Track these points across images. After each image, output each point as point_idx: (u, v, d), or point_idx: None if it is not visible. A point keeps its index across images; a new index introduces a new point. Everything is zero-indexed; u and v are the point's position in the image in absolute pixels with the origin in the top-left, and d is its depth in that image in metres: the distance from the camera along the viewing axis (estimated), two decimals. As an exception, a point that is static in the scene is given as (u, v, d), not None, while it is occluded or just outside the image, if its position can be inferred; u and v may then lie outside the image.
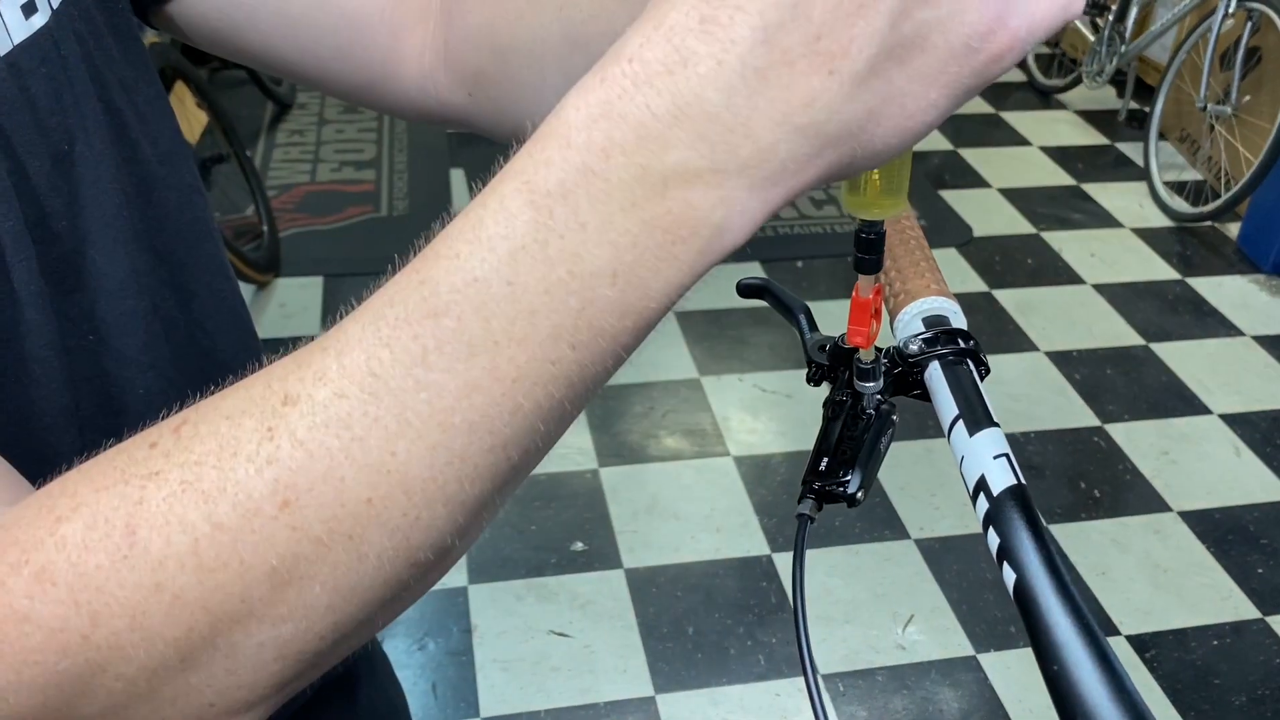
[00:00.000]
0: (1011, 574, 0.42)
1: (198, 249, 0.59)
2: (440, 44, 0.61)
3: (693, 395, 2.62)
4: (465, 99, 0.61)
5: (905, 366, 0.52)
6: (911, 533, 2.27)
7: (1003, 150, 3.89)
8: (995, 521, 0.43)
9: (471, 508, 0.34)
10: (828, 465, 0.49)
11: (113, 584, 0.32)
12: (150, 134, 0.55)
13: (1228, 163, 3.45)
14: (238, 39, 0.61)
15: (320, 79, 0.63)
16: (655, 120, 0.30)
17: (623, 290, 0.31)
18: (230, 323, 0.61)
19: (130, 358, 0.52)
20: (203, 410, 0.34)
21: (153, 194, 0.55)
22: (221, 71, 4.02)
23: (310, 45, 0.61)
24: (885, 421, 0.50)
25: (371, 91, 0.64)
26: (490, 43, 0.59)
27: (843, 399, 0.51)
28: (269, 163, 3.58)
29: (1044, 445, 2.52)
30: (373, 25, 0.61)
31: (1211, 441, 2.55)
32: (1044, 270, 3.20)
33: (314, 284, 2.99)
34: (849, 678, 1.97)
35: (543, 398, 0.32)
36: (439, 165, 3.62)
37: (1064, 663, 0.39)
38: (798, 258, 3.19)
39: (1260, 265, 3.23)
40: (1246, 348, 2.89)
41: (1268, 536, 2.30)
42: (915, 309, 0.54)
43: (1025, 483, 0.45)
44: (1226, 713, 1.93)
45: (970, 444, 0.47)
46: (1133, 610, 2.12)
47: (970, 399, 0.49)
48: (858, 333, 0.47)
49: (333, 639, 0.35)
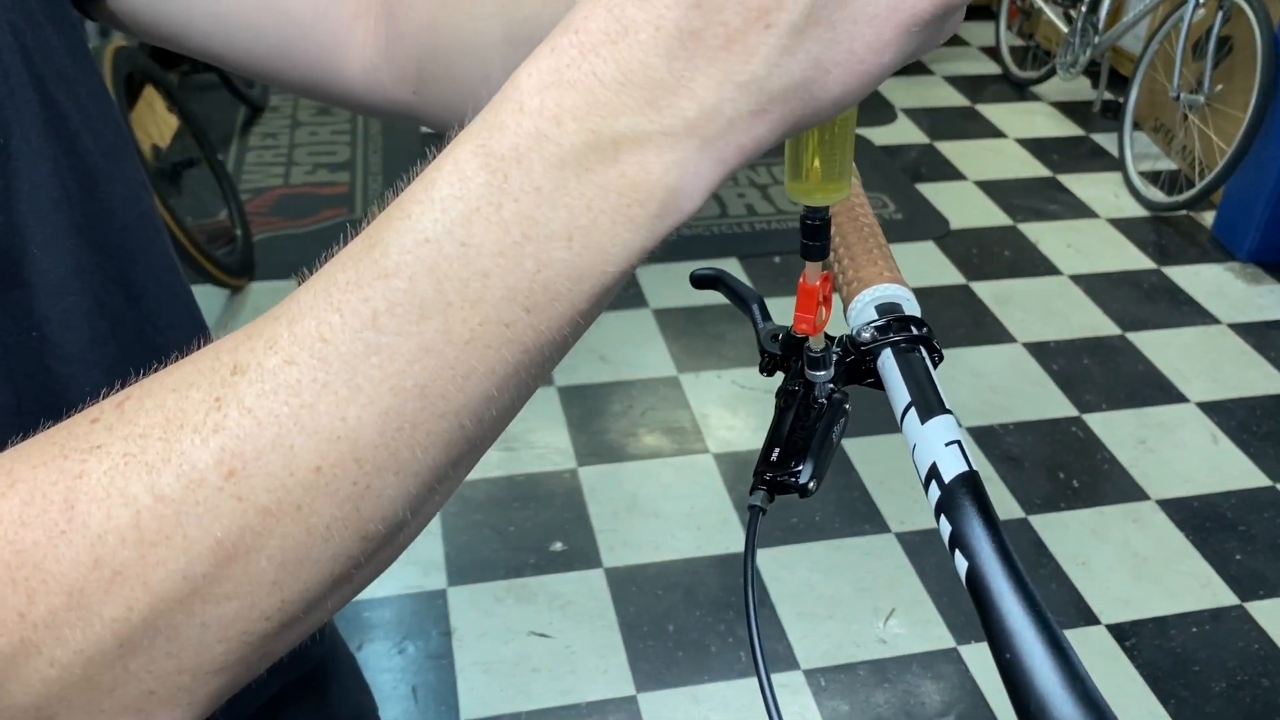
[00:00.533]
0: (963, 562, 0.42)
1: (146, 244, 0.57)
2: (381, 42, 0.60)
3: (671, 393, 2.61)
4: (410, 96, 0.61)
5: (858, 355, 0.51)
6: (892, 526, 2.27)
7: (978, 143, 3.90)
8: (947, 509, 0.43)
9: (424, 478, 0.33)
10: (779, 455, 0.48)
11: (50, 560, 0.31)
12: (92, 127, 0.54)
13: (1202, 152, 3.47)
14: (177, 37, 0.60)
15: (266, 75, 0.63)
16: (602, 86, 0.30)
17: (579, 253, 0.31)
18: (182, 319, 0.60)
19: (74, 355, 0.51)
20: (148, 385, 0.34)
21: (96, 188, 0.53)
22: (192, 75, 3.99)
23: (247, 45, 0.60)
24: (837, 410, 0.50)
25: (319, 87, 0.63)
26: (431, 40, 0.58)
27: (794, 388, 0.50)
28: (242, 166, 3.56)
29: (1022, 436, 2.53)
30: (308, 23, 0.60)
31: (1189, 430, 2.56)
32: (1021, 262, 3.21)
33: (289, 288, 2.92)
34: (831, 672, 1.97)
35: (496, 362, 0.32)
36: (414, 166, 3.59)
37: (1016, 651, 0.39)
38: (775, 253, 3.18)
39: (1235, 253, 3.25)
40: (1223, 336, 2.91)
41: (1245, 523, 2.30)
42: (868, 296, 0.53)
43: (976, 469, 0.44)
44: (1206, 699, 1.94)
45: (922, 431, 0.46)
46: (1112, 599, 2.12)
47: (923, 386, 0.48)
48: (804, 320, 0.46)
49: (279, 619, 0.33)
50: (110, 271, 0.54)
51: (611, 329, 2.83)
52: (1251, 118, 3.08)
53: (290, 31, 0.60)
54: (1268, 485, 2.40)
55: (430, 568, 2.13)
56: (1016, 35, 4.64)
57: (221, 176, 3.02)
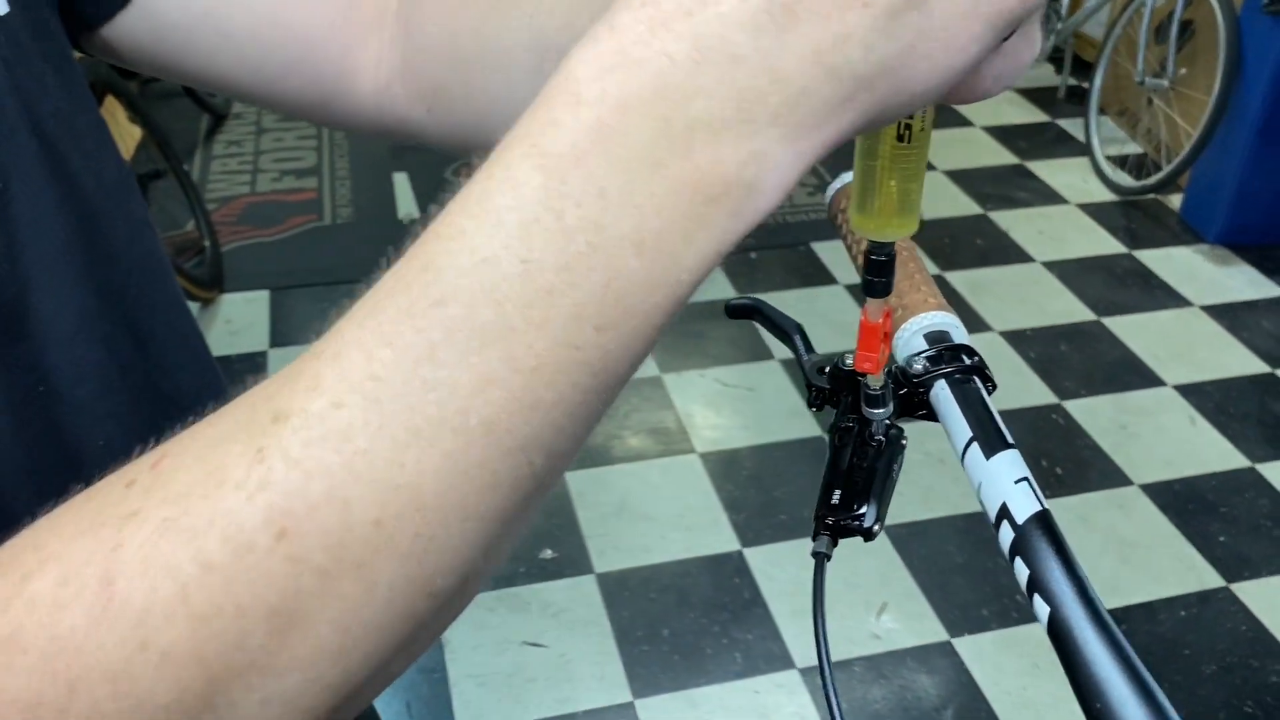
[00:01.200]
0: (1044, 607, 0.41)
1: (151, 286, 0.56)
2: (397, 57, 0.59)
3: (655, 393, 2.60)
4: (424, 114, 0.59)
5: (910, 387, 0.50)
6: (880, 520, 2.27)
7: (946, 132, 3.91)
8: (1023, 552, 0.42)
9: (492, 523, 0.30)
10: (841, 498, 0.47)
11: (91, 645, 0.28)
12: (91, 167, 0.52)
13: (1167, 135, 3.50)
14: (177, 62, 0.58)
15: (269, 97, 0.61)
16: (675, 67, 0.27)
17: (651, 261, 0.28)
18: (190, 361, 0.58)
19: (85, 407, 0.49)
20: (183, 441, 0.31)
21: (97, 231, 0.51)
22: (153, 84, 3.92)
23: (256, 64, 0.58)
24: (896, 448, 0.49)
25: (325, 108, 0.61)
26: (451, 54, 0.56)
27: (849, 425, 0.49)
28: (207, 175, 3.50)
29: (1004, 425, 2.54)
30: (322, 40, 0.58)
31: (1167, 413, 2.59)
32: (993, 250, 3.22)
33: (260, 298, 2.93)
34: (826, 670, 1.97)
35: (566, 388, 0.29)
36: (381, 170, 3.56)
37: (1108, 700, 0.38)
38: (752, 249, 3.18)
39: (1204, 236, 3.28)
40: (1195, 318, 2.94)
41: (1227, 504, 2.33)
42: (915, 325, 0.52)
43: (1048, 507, 0.44)
44: (1198, 683, 1.96)
45: (988, 468, 0.45)
46: (1101, 586, 2.13)
47: (982, 419, 0.47)
48: (867, 358, 0.45)
49: (344, 690, 0.31)
50: (116, 317, 0.52)
51: (590, 330, 2.81)
52: (1215, 101, 3.11)
53: (301, 49, 0.58)
54: (1247, 466, 2.43)
55: (420, 580, 2.11)
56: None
57: (187, 186, 2.96)
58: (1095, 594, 0.41)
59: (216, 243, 2.99)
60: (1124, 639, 0.40)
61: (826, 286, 3.01)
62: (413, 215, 3.32)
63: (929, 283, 0.54)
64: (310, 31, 0.58)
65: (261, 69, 0.58)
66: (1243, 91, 3.10)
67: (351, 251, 3.13)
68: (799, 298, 2.96)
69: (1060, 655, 0.41)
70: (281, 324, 2.83)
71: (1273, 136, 3.08)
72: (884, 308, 0.44)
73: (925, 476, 2.29)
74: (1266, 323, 2.92)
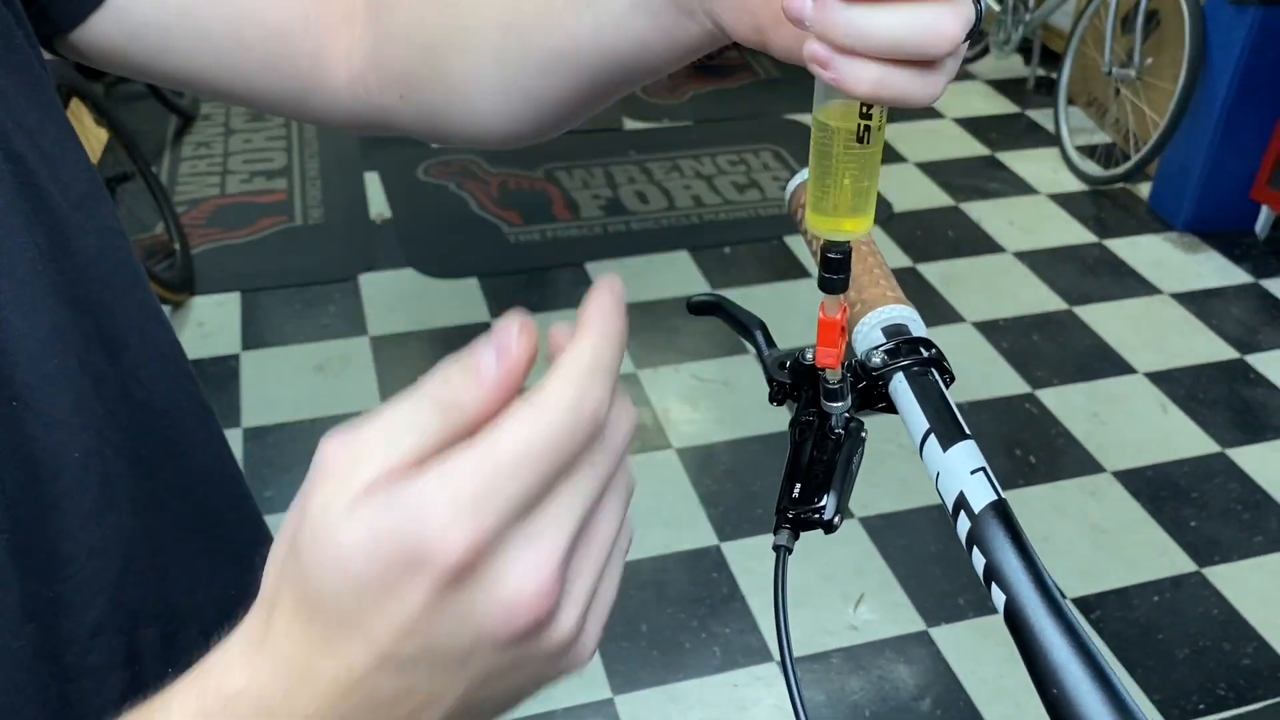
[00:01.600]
0: (1001, 595, 0.41)
1: (125, 295, 0.55)
2: (368, 46, 0.59)
3: (630, 389, 2.59)
4: (397, 100, 0.59)
5: (869, 380, 0.50)
6: (855, 511, 2.28)
7: (917, 125, 3.93)
8: (979, 542, 0.42)
9: None
10: (801, 491, 0.47)
11: None
12: (60, 179, 0.51)
13: (1135, 125, 3.53)
14: (152, 62, 0.58)
15: (246, 94, 0.61)
16: None
17: None
18: (165, 369, 0.58)
19: (59, 420, 0.49)
20: None
21: (69, 244, 0.51)
22: (119, 85, 3.88)
23: (233, 62, 0.58)
24: (855, 440, 0.49)
25: (302, 102, 0.61)
26: (420, 40, 0.57)
27: (809, 419, 0.49)
28: (176, 178, 3.47)
29: (977, 415, 2.55)
30: (297, 34, 0.59)
31: (1139, 400, 2.61)
32: (965, 241, 3.24)
33: (231, 300, 2.91)
34: (804, 662, 1.98)
35: None
36: (352, 170, 3.54)
37: (1064, 686, 0.38)
38: (725, 244, 3.18)
39: (1172, 224, 3.31)
40: (1165, 305, 2.96)
41: (1198, 490, 2.35)
42: (874, 319, 0.52)
43: (1004, 497, 0.44)
44: (1172, 667, 1.98)
45: (945, 460, 0.46)
46: (1075, 573, 2.16)
47: (940, 411, 0.48)
48: (828, 354, 0.45)
49: None
50: (89, 328, 0.51)
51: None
52: (1181, 90, 3.14)
53: (278, 45, 0.58)
54: (1217, 451, 2.46)
55: (397, 581, 2.11)
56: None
57: (156, 189, 2.94)
58: (1051, 581, 0.41)
59: (186, 245, 2.96)
60: (1080, 625, 0.40)
61: (800, 280, 3.02)
62: (384, 215, 3.30)
63: (888, 276, 0.54)
64: (285, 27, 0.58)
65: (238, 66, 0.59)
66: (1208, 81, 3.13)
67: (323, 252, 3.12)
68: (773, 292, 2.97)
69: (1017, 642, 0.41)
70: (253, 326, 2.81)
71: (1238, 124, 3.11)
72: (841, 304, 0.44)
73: (900, 468, 2.30)
74: (1235, 309, 2.96)
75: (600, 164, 3.60)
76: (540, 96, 0.54)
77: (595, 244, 3.17)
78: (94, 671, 0.51)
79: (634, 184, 3.49)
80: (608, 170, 3.57)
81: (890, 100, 0.36)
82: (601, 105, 0.55)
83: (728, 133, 3.83)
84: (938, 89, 0.36)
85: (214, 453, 0.60)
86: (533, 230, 3.22)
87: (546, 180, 3.50)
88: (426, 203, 3.36)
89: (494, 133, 0.57)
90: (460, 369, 0.33)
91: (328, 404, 2.53)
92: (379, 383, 2.60)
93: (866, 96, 0.35)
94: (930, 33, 0.33)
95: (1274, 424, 2.55)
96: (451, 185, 3.45)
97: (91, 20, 0.55)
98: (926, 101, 0.36)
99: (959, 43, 0.35)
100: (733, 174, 3.56)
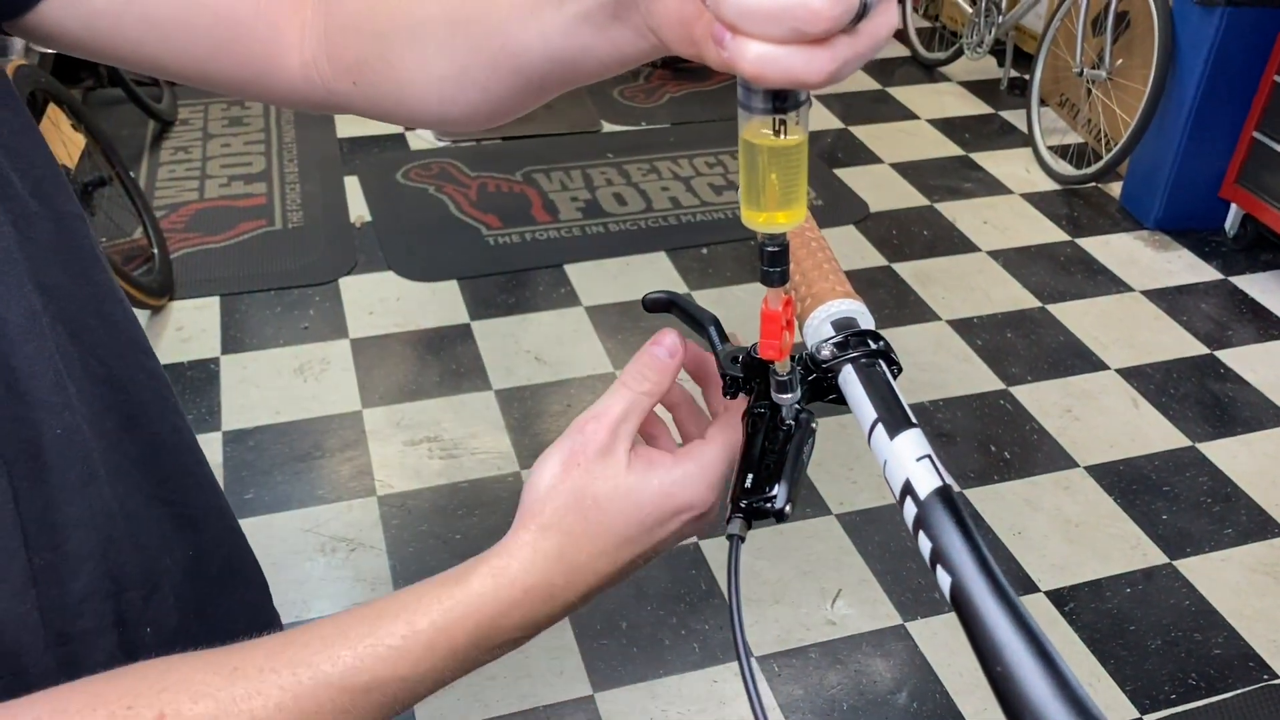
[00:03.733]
0: (946, 577, 0.43)
1: (84, 278, 0.57)
2: (320, 32, 0.60)
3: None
4: (350, 87, 0.61)
5: (819, 372, 0.52)
6: (832, 508, 2.31)
7: (892, 125, 3.96)
8: (925, 526, 0.44)
9: None
10: (753, 481, 0.49)
11: None
12: (20, 166, 0.53)
13: (1106, 125, 3.57)
14: (104, 46, 0.59)
15: (200, 78, 0.62)
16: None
17: None
18: (126, 348, 0.60)
19: (41, 400, 0.51)
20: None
21: (31, 229, 0.53)
22: (97, 90, 3.87)
23: (184, 47, 0.60)
24: (805, 431, 0.51)
25: (257, 85, 0.63)
26: (370, 28, 0.58)
27: (761, 411, 0.51)
28: (154, 182, 3.47)
29: (953, 411, 2.59)
30: (249, 20, 0.60)
31: (1110, 396, 2.65)
32: (940, 240, 3.28)
33: (211, 304, 2.91)
34: (783, 657, 2.00)
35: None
36: (332, 173, 3.54)
37: (1007, 664, 0.40)
38: (703, 244, 3.21)
39: (1143, 222, 3.36)
40: (1136, 303, 3.01)
41: (1169, 484, 2.39)
42: (823, 313, 0.54)
43: (950, 483, 0.46)
44: (1144, 657, 2.01)
45: (892, 447, 0.47)
46: (1049, 566, 2.19)
47: (887, 401, 0.49)
48: (770, 346, 0.47)
49: None
50: (54, 310, 0.53)
51: (545, 328, 2.82)
52: (1151, 90, 3.18)
53: (228, 31, 0.59)
54: (1188, 445, 2.50)
55: (378, 583, 2.12)
56: (922, 17, 4.72)
57: (134, 194, 2.94)
58: (994, 564, 0.43)
59: (165, 250, 2.96)
60: (1022, 605, 0.42)
61: (777, 280, 3.04)
62: (364, 218, 3.31)
63: (837, 272, 0.56)
64: (234, 13, 0.59)
65: (190, 51, 0.60)
66: (1177, 81, 3.17)
67: (303, 256, 3.12)
68: (750, 292, 2.99)
69: (962, 622, 0.43)
70: (233, 330, 2.81)
71: (1207, 124, 3.16)
72: (783, 296, 0.46)
73: (877, 465, 2.32)
74: (1204, 305, 3.00)
75: (578, 166, 3.62)
76: (490, 88, 0.55)
77: (574, 246, 3.19)
78: (83, 635, 0.53)
79: (612, 186, 3.51)
80: (586, 173, 3.58)
81: (777, 78, 0.37)
82: (555, 95, 0.56)
83: (705, 135, 3.86)
84: (825, 68, 0.37)
85: (170, 423, 0.63)
86: (512, 232, 3.24)
87: (525, 183, 3.51)
88: (406, 206, 3.37)
89: (447, 118, 0.59)
90: (647, 364, 0.56)
91: (308, 406, 2.54)
92: (359, 385, 2.61)
93: (752, 73, 0.37)
94: (803, 9, 0.35)
95: (1243, 418, 2.59)
96: (431, 188, 3.46)
97: (43, 7, 0.56)
98: (817, 81, 0.37)
99: (834, 20, 0.36)
100: (710, 176, 3.59)
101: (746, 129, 0.40)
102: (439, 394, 2.59)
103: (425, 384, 2.62)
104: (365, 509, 2.27)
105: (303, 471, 2.36)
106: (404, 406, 2.55)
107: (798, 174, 0.41)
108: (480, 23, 0.53)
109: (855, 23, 0.37)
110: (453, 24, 0.54)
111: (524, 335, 2.80)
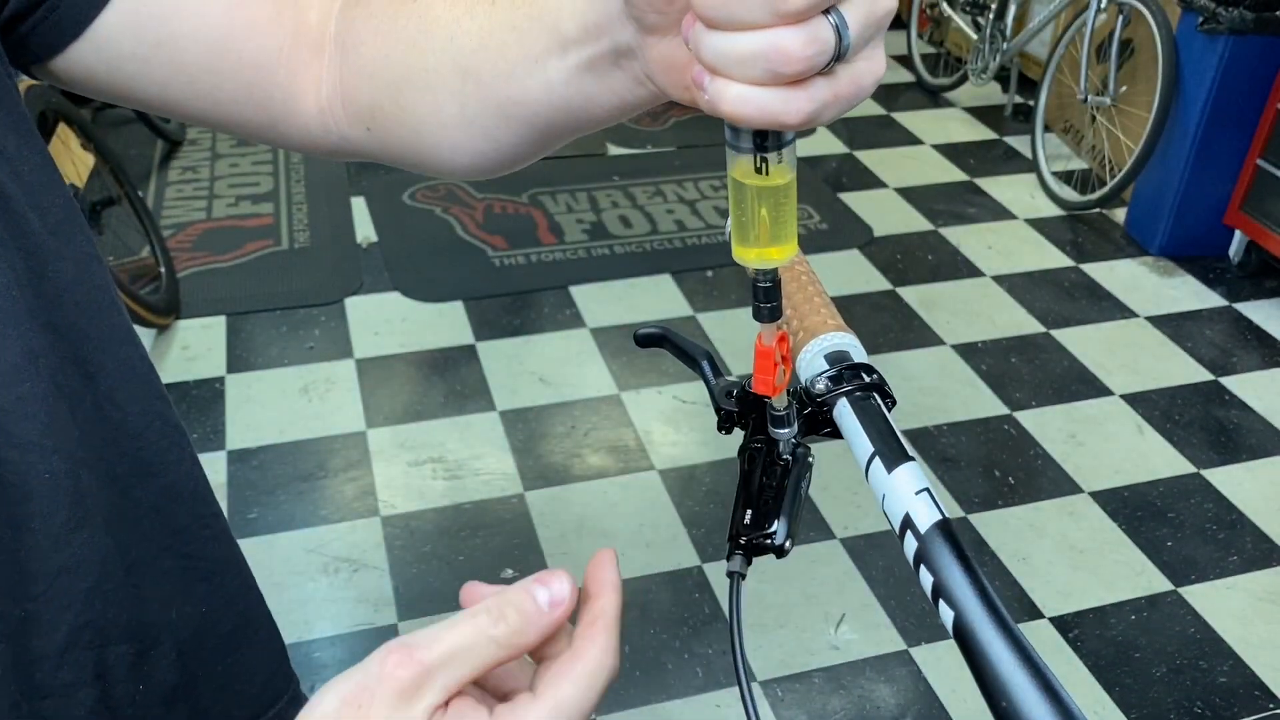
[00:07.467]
0: (949, 612, 0.43)
1: (100, 319, 0.57)
2: (336, 79, 0.61)
3: (613, 411, 2.62)
4: (364, 133, 0.61)
5: (814, 406, 0.52)
6: (836, 532, 2.30)
7: (896, 150, 3.98)
8: (926, 560, 0.44)
9: None
10: (752, 518, 0.49)
11: None
12: (38, 205, 0.53)
13: (1110, 151, 3.58)
14: (129, 89, 0.60)
15: (219, 121, 0.62)
16: None
17: None
18: (140, 390, 0.60)
19: (30, 442, 0.50)
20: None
21: (46, 269, 0.52)
22: (106, 110, 3.90)
23: (208, 91, 0.60)
24: (803, 466, 0.51)
25: (274, 130, 0.63)
26: (385, 76, 0.59)
27: (757, 445, 0.51)
28: (162, 201, 3.49)
29: (957, 436, 2.59)
30: (270, 66, 0.60)
31: (1115, 422, 2.65)
32: (944, 265, 3.28)
33: (217, 324, 2.92)
34: (786, 682, 2.00)
35: None
36: (339, 194, 3.56)
37: (1013, 699, 0.40)
38: (708, 267, 3.22)
39: (1147, 248, 3.36)
40: (1140, 329, 3.01)
41: (1174, 510, 2.39)
42: (816, 346, 0.54)
43: (948, 516, 0.46)
44: (1148, 685, 2.00)
45: (890, 481, 0.48)
46: (1054, 593, 2.18)
47: (884, 435, 0.49)
48: (764, 382, 0.47)
49: None
50: (65, 352, 0.53)
51: (550, 350, 2.83)
52: (1155, 116, 3.20)
53: (251, 75, 0.60)
54: (1192, 472, 2.49)
55: (381, 604, 2.11)
56: (927, 43, 4.75)
57: (142, 213, 2.95)
58: (996, 597, 0.43)
59: (172, 269, 2.98)
60: (1025, 639, 0.42)
61: (782, 303, 3.05)
62: (370, 239, 3.33)
63: (828, 305, 0.56)
64: (259, 58, 0.60)
65: (213, 95, 0.60)
66: (1181, 107, 3.18)
67: (309, 276, 3.13)
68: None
69: (966, 657, 0.43)
70: (239, 349, 2.82)
71: (1211, 151, 3.17)
72: (777, 332, 0.46)
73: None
74: (1209, 332, 3.00)
75: (584, 189, 3.63)
76: (499, 137, 0.56)
77: (579, 268, 3.20)
78: (63, 688, 0.52)
79: (618, 208, 3.52)
80: (592, 195, 3.60)
81: (756, 118, 0.38)
82: (561, 144, 0.57)
83: (710, 159, 3.87)
84: (804, 109, 0.37)
85: (185, 471, 0.62)
86: (517, 254, 3.25)
87: (531, 205, 3.53)
88: (412, 227, 3.39)
89: (458, 166, 0.60)
90: (513, 605, 0.41)
91: (313, 426, 2.55)
92: (364, 405, 2.62)
93: (731, 114, 0.38)
94: (775, 51, 0.36)
95: (1248, 445, 2.58)
96: (437, 210, 3.48)
97: (70, 51, 0.56)
98: (796, 122, 0.38)
99: (807, 61, 0.36)
100: (715, 199, 3.60)
101: (735, 168, 0.41)
102: (443, 415, 2.59)
103: (430, 405, 2.62)
104: (368, 529, 2.27)
105: (306, 491, 2.37)
106: (408, 427, 2.55)
107: (788, 209, 0.41)
108: (489, 72, 0.54)
109: (835, 63, 0.37)
110: (463, 72, 0.55)
111: (529, 357, 2.80)
